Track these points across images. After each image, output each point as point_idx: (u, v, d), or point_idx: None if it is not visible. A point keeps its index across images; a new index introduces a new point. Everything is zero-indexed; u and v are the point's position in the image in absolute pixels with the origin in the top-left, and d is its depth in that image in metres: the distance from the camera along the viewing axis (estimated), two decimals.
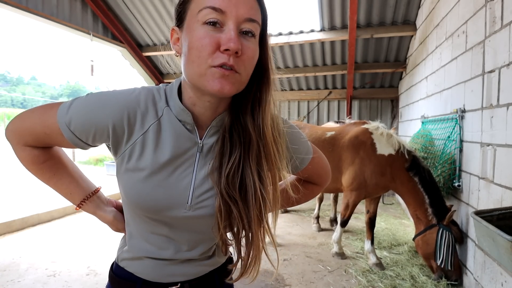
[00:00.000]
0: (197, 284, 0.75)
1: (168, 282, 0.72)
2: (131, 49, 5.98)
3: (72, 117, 0.63)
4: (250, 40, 0.58)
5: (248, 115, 0.65)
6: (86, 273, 2.67)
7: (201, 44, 0.55)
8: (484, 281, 2.08)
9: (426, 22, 3.91)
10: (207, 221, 0.68)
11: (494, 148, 2.02)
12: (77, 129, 0.63)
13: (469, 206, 2.40)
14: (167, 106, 0.65)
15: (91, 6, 5.04)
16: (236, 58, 0.56)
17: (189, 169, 0.67)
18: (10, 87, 73.44)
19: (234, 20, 0.55)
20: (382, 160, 2.79)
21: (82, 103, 0.63)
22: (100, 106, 0.62)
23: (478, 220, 1.31)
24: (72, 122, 0.63)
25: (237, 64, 0.56)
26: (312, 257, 3.09)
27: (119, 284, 0.75)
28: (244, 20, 0.56)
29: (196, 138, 0.67)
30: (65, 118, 0.63)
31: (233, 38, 0.54)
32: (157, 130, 0.64)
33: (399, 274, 2.68)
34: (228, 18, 0.55)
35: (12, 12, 4.04)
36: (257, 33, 0.60)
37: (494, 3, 2.06)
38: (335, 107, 6.48)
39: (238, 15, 0.55)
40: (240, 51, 0.55)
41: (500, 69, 1.96)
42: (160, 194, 0.64)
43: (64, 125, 0.63)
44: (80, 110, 0.63)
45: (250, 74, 0.61)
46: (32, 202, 4.47)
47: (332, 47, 5.41)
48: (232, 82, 0.57)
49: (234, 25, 0.55)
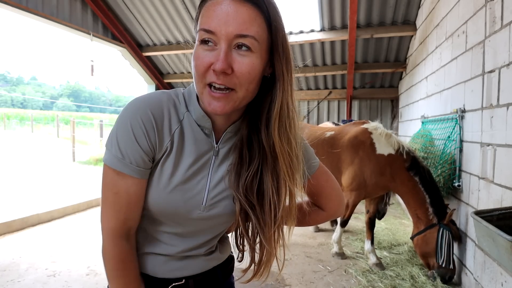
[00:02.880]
0: (201, 279, 0.76)
1: (173, 278, 0.74)
2: (131, 49, 5.99)
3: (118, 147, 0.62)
4: (244, 54, 0.57)
5: (262, 126, 0.65)
6: (86, 273, 2.67)
7: (196, 63, 0.58)
8: (484, 281, 2.08)
9: (426, 22, 3.91)
10: (218, 220, 0.71)
11: (494, 148, 2.02)
12: (130, 156, 0.62)
13: (469, 206, 2.40)
14: (187, 111, 0.67)
15: (91, 6, 5.04)
16: (227, 76, 0.56)
17: (204, 171, 0.69)
18: (10, 87, 73.41)
19: (224, 39, 0.56)
20: (382, 160, 2.78)
21: (116, 130, 0.62)
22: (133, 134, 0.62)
23: (478, 220, 1.31)
24: (124, 155, 0.61)
25: (229, 82, 0.57)
26: (312, 257, 3.09)
27: None
28: (234, 37, 0.56)
29: (212, 142, 0.69)
30: (120, 164, 0.62)
31: (221, 58, 0.55)
32: (180, 134, 0.66)
33: (399, 274, 2.68)
34: (219, 37, 0.56)
35: (12, 12, 4.04)
36: (257, 45, 0.58)
37: (494, 3, 2.06)
38: (335, 107, 6.48)
39: (228, 34, 0.55)
40: (231, 69, 0.56)
41: (500, 69, 1.96)
42: (179, 197, 0.66)
43: (126, 168, 0.62)
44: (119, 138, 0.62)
45: (252, 87, 0.60)
46: (32, 202, 4.47)
47: (332, 47, 5.41)
48: (224, 103, 0.58)
49: (224, 44, 0.56)
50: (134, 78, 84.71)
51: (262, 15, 0.58)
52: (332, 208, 0.82)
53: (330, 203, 0.81)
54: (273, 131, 0.63)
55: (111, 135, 0.62)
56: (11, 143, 13.11)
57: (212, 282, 0.79)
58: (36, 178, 6.43)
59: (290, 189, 0.67)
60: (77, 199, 4.76)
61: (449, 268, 2.44)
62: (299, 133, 0.69)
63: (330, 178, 0.81)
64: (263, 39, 0.59)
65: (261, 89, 0.65)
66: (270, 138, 0.64)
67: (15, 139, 14.69)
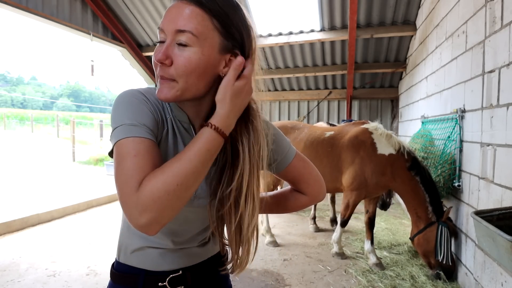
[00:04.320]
0: (197, 270, 0.79)
1: (170, 270, 0.76)
2: (131, 49, 5.98)
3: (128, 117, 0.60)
4: (183, 49, 0.61)
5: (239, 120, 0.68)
6: (86, 273, 2.68)
7: (153, 59, 0.63)
8: (484, 281, 2.08)
9: (426, 22, 3.91)
10: (203, 211, 0.74)
11: (494, 148, 2.02)
12: (147, 122, 0.61)
13: (469, 206, 2.40)
14: (168, 106, 0.71)
15: (91, 6, 5.04)
16: (166, 67, 0.61)
17: None
18: (10, 87, 73.42)
19: (169, 35, 0.61)
20: (383, 160, 2.79)
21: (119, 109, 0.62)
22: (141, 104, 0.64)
23: (478, 220, 1.31)
24: (139, 122, 0.60)
25: (166, 73, 0.61)
26: (312, 257, 3.09)
27: (123, 279, 0.77)
28: (174, 33, 0.61)
29: (191, 136, 0.72)
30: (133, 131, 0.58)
31: (161, 50, 0.61)
32: (172, 126, 0.70)
33: (399, 274, 2.68)
34: (166, 34, 0.62)
35: (12, 12, 4.04)
36: (197, 40, 0.60)
37: (494, 3, 2.06)
38: (335, 107, 6.48)
39: (169, 30, 0.61)
40: (169, 61, 0.61)
41: (500, 69, 1.96)
42: None
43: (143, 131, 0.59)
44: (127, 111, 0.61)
45: (192, 80, 0.62)
46: (32, 202, 4.47)
47: (332, 47, 5.41)
48: (167, 90, 0.62)
49: (168, 39, 0.61)
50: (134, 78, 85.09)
51: (207, 13, 0.61)
52: (313, 192, 0.86)
53: (311, 187, 0.86)
54: (243, 122, 0.68)
55: (114, 117, 0.61)
56: (11, 143, 13.10)
57: (208, 272, 0.82)
58: (36, 178, 6.43)
59: (257, 177, 0.71)
60: (77, 199, 4.76)
61: (449, 265, 2.49)
62: (264, 126, 0.73)
63: (308, 164, 0.85)
64: (205, 35, 0.61)
65: None
66: (235, 132, 0.68)
67: (15, 139, 14.68)
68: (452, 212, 2.72)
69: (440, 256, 2.49)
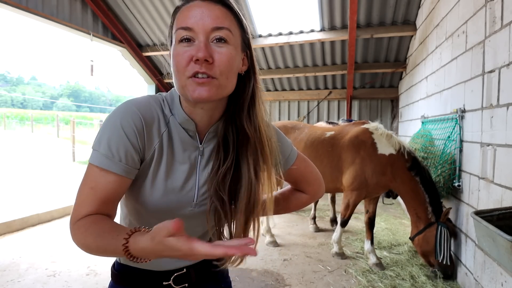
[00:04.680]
0: (200, 267, 0.81)
1: (174, 269, 0.77)
2: (131, 49, 5.98)
3: (107, 146, 0.62)
4: (222, 46, 0.62)
5: (244, 115, 0.70)
6: (86, 273, 2.68)
7: (177, 60, 0.62)
8: (484, 281, 2.08)
9: (426, 22, 3.91)
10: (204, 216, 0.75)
11: (494, 148, 2.02)
12: (120, 154, 0.62)
13: (469, 206, 2.40)
14: (172, 115, 0.71)
15: (91, 6, 5.04)
16: (209, 65, 0.60)
17: (193, 171, 0.72)
18: (10, 87, 73.41)
19: (202, 33, 0.61)
20: (383, 160, 2.79)
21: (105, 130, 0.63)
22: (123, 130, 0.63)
23: (478, 220, 1.31)
24: (114, 154, 0.62)
25: (210, 70, 0.61)
26: (312, 257, 3.09)
27: (125, 279, 0.77)
28: (211, 30, 0.61)
29: (197, 143, 0.72)
30: (106, 162, 0.61)
31: (201, 48, 0.60)
32: (169, 136, 0.70)
33: (399, 274, 2.68)
34: (197, 32, 0.61)
35: (12, 12, 4.04)
36: (232, 37, 0.63)
37: (494, 3, 2.06)
38: (335, 107, 6.48)
39: (205, 27, 0.61)
40: (211, 58, 0.60)
41: (500, 69, 1.96)
42: (172, 197, 0.70)
43: (111, 164, 0.61)
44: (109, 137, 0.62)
45: (231, 76, 0.65)
46: (32, 202, 4.47)
47: (332, 47, 5.41)
48: (208, 88, 0.61)
49: (203, 37, 0.61)
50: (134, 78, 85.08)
51: (232, 14, 0.65)
52: (313, 191, 0.89)
53: (311, 186, 0.89)
54: (256, 117, 0.70)
55: (100, 136, 0.63)
56: (11, 143, 13.11)
57: (211, 269, 0.83)
58: (36, 178, 6.43)
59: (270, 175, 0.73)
60: None
61: (448, 264, 2.51)
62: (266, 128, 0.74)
63: (308, 164, 0.88)
64: (236, 34, 0.65)
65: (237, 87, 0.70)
66: (253, 124, 0.70)
67: (15, 139, 14.69)
68: (452, 212, 2.72)
69: (440, 256, 2.51)
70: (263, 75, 0.81)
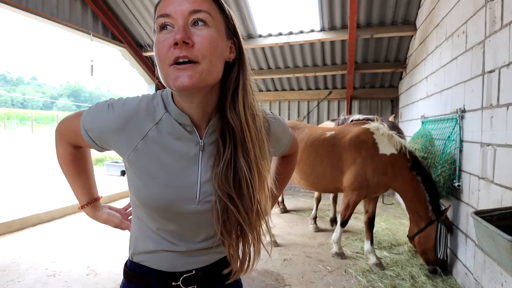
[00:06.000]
0: (210, 270, 0.80)
1: (184, 271, 0.77)
2: (131, 49, 5.98)
3: (87, 121, 0.72)
4: (202, 28, 0.61)
5: (227, 104, 0.69)
6: (86, 273, 2.67)
7: (158, 48, 0.61)
8: (484, 281, 2.08)
9: (426, 22, 3.91)
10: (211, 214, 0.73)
11: (494, 148, 2.02)
12: (92, 133, 0.72)
13: (469, 206, 2.40)
14: (166, 112, 0.70)
15: (91, 6, 5.04)
16: (190, 48, 0.59)
17: (194, 167, 0.71)
18: (10, 87, 73.37)
19: (180, 18, 0.60)
20: (385, 160, 2.80)
21: (96, 109, 0.72)
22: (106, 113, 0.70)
23: (478, 220, 1.31)
24: (88, 126, 0.72)
25: (191, 54, 0.59)
26: (312, 257, 3.09)
27: (137, 278, 0.78)
28: (189, 14, 0.60)
29: (197, 138, 0.71)
30: (84, 122, 0.72)
31: (178, 30, 0.58)
32: (157, 134, 0.69)
33: (399, 274, 2.68)
34: (175, 18, 0.60)
35: (12, 12, 4.04)
36: (212, 20, 0.62)
37: (494, 3, 2.06)
38: (335, 107, 6.48)
39: (183, 12, 0.59)
40: (191, 40, 0.59)
41: (500, 69, 1.96)
42: (169, 193, 0.69)
43: (83, 128, 0.72)
44: (92, 116, 0.72)
45: (215, 61, 0.63)
46: (32, 202, 4.47)
47: (332, 47, 5.40)
48: (191, 74, 0.59)
49: (181, 21, 0.59)
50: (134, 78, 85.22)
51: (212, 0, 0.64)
52: (295, 149, 0.99)
53: (291, 149, 0.97)
54: (241, 107, 0.68)
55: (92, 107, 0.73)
56: (11, 143, 13.10)
57: (220, 271, 0.82)
58: (36, 178, 6.43)
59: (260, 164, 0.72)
60: None
61: (445, 260, 2.61)
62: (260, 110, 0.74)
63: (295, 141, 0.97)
64: (218, 18, 0.64)
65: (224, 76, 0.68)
66: (238, 114, 0.68)
67: (15, 139, 14.68)
68: (452, 212, 2.73)
69: (439, 253, 2.57)
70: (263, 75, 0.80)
